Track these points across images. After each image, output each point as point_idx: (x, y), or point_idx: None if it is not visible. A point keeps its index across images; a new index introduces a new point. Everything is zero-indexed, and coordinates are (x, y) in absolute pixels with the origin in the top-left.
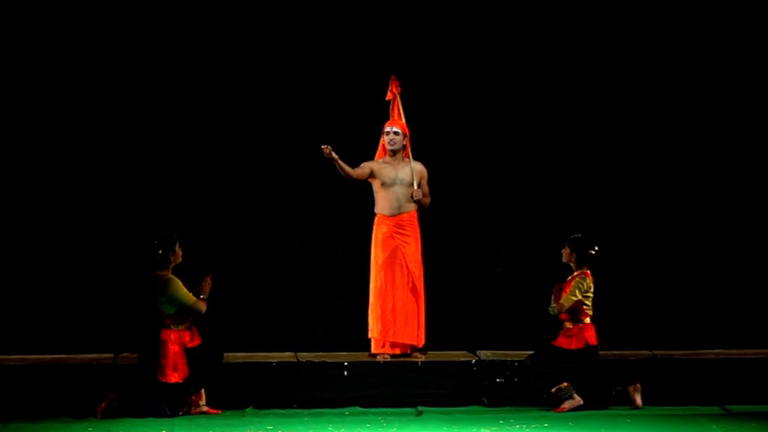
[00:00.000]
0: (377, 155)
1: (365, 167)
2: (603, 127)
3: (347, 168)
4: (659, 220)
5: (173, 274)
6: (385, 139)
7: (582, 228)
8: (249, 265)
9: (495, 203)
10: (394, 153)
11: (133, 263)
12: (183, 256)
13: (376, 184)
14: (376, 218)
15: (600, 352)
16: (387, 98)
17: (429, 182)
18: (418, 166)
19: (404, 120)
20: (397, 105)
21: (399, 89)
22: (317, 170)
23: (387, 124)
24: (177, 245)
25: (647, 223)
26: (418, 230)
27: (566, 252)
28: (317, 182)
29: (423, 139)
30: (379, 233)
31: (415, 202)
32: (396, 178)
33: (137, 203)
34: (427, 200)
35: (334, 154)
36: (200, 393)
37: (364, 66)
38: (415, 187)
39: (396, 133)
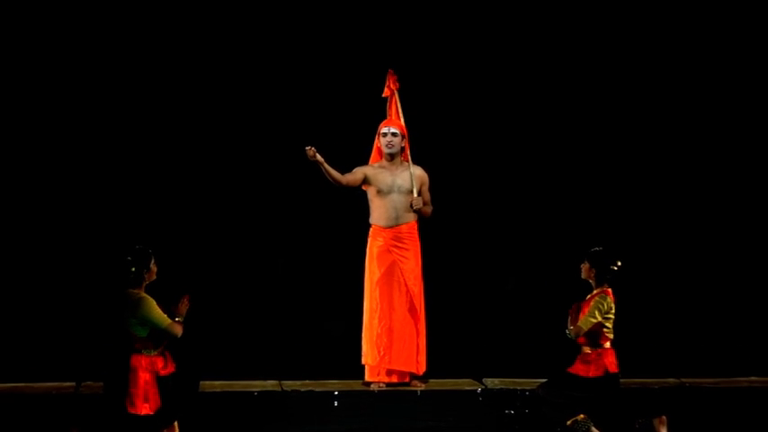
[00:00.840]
0: (371, 159)
1: (358, 173)
2: (631, 127)
3: (335, 173)
4: (688, 233)
5: (146, 292)
6: (381, 142)
7: (603, 240)
8: (230, 283)
9: (505, 212)
10: (392, 157)
11: (102, 279)
12: (157, 274)
13: (371, 192)
14: (371, 229)
15: (621, 380)
16: (384, 95)
17: (430, 188)
18: (418, 171)
19: (402, 119)
20: (395, 103)
21: (398, 85)
22: (304, 176)
23: (383, 124)
24: (152, 261)
25: (674, 237)
26: (418, 243)
27: (585, 267)
28: (305, 190)
29: (423, 141)
30: (374, 246)
31: (414, 211)
32: (393, 185)
33: (107, 213)
34: (428, 209)
35: (318, 156)
36: (174, 426)
37: (357, 59)
38: (415, 195)
39: (394, 134)
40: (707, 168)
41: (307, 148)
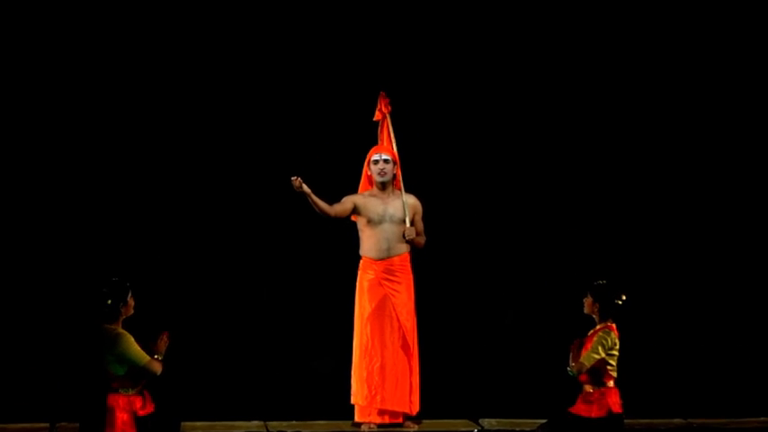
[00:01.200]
0: (360, 187)
1: (347, 202)
2: (635, 155)
3: (322, 204)
4: (696, 266)
5: (123, 328)
6: (372, 170)
7: (607, 273)
8: (211, 317)
9: (502, 243)
10: (384, 185)
11: (76, 314)
12: (135, 308)
13: (361, 222)
14: (361, 261)
15: (626, 421)
16: (374, 119)
17: (424, 218)
18: (411, 200)
19: (395, 144)
20: (387, 127)
21: (390, 108)
22: (289, 206)
23: (373, 151)
24: (129, 294)
25: (681, 270)
26: (411, 276)
27: (587, 302)
28: (290, 219)
29: (415, 167)
30: (364, 280)
31: (407, 242)
32: (385, 214)
33: (82, 244)
34: (422, 239)
35: (305, 187)
36: None
37: (343, 83)
38: (408, 225)
39: (386, 161)
40: (716, 201)
41: (293, 178)
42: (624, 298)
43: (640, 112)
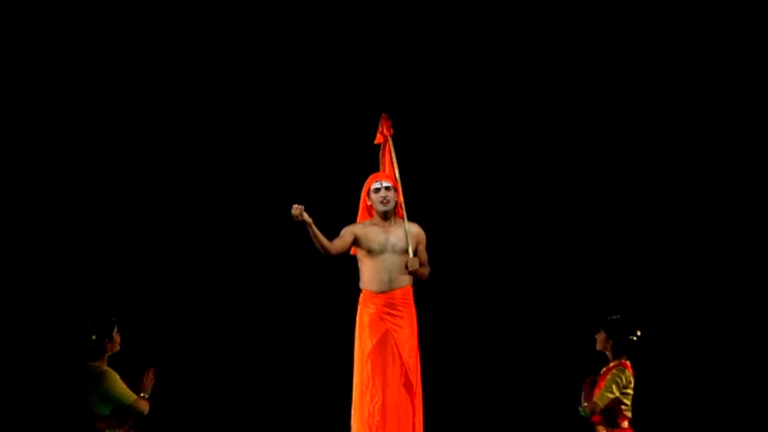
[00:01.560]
0: (359, 218)
1: (346, 235)
2: (647, 182)
3: (323, 239)
4: (715, 300)
5: (108, 365)
6: (374, 198)
7: (621, 307)
8: (204, 354)
9: (510, 274)
10: (386, 214)
11: (59, 350)
12: (121, 344)
13: (361, 253)
14: (361, 295)
15: None
16: (376, 142)
17: (427, 247)
18: (414, 229)
19: (397, 170)
20: (389, 151)
21: (392, 131)
22: (283, 236)
23: (373, 178)
24: (115, 330)
25: (699, 304)
26: (414, 310)
27: (600, 338)
28: (285, 251)
29: (416, 193)
30: (364, 314)
31: (410, 273)
32: (386, 244)
33: (65, 277)
34: (426, 270)
35: (306, 216)
36: None
37: (342, 103)
38: (411, 255)
39: (388, 189)
40: (737, 233)
41: (294, 207)
42: (639, 334)
43: (642, 142)
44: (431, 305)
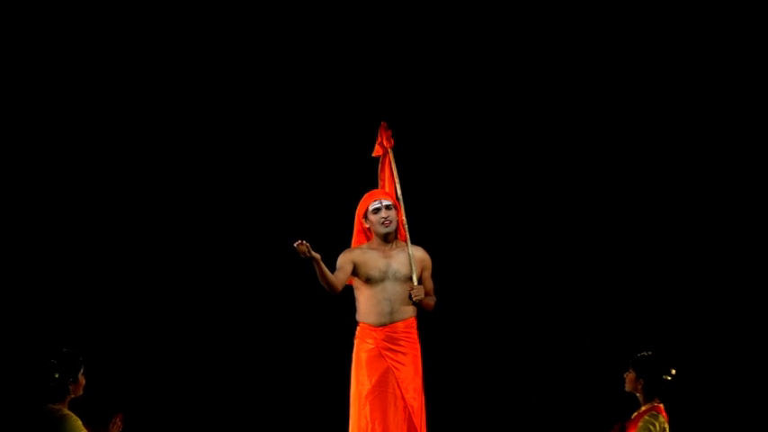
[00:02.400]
0: (354, 241)
1: (346, 265)
2: (680, 205)
3: (331, 276)
4: (755, 334)
5: (70, 409)
6: (373, 220)
7: (652, 341)
8: (176, 397)
9: (525, 304)
10: (387, 237)
11: (14, 388)
12: (86, 388)
13: (358, 281)
14: (358, 328)
15: None
16: (373, 154)
17: (433, 274)
18: (419, 253)
19: (399, 186)
20: (389, 166)
21: (392, 142)
22: (267, 266)
23: (371, 196)
24: (81, 370)
25: (739, 337)
26: (418, 346)
27: (630, 377)
28: (270, 280)
29: (417, 213)
30: (362, 350)
31: (414, 303)
32: (387, 271)
33: (29, 304)
34: (431, 300)
35: (313, 252)
36: None
37: (336, 113)
38: (415, 283)
39: (388, 208)
40: None
41: (297, 243)
42: (674, 372)
43: (691, 171)
44: (437, 339)
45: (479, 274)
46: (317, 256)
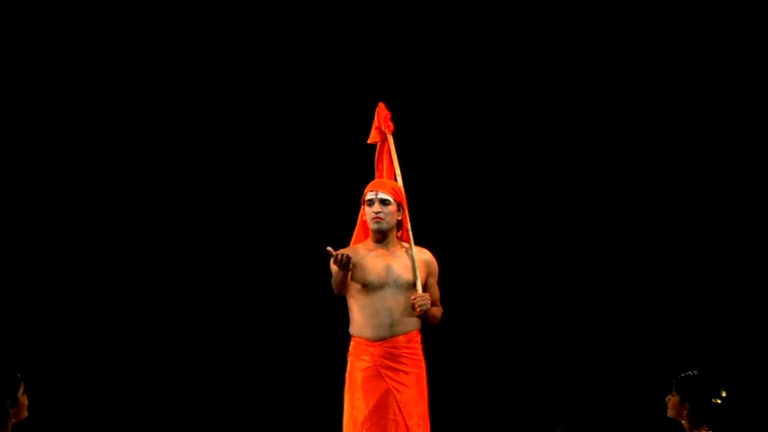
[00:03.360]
0: (354, 238)
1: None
2: (721, 220)
3: (347, 279)
4: None
5: None
6: (366, 213)
7: (698, 360)
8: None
9: (548, 315)
10: (382, 235)
11: None
12: (30, 409)
13: (353, 287)
14: (352, 343)
15: None
16: (369, 141)
17: (440, 281)
18: (424, 256)
19: (400, 177)
20: (388, 152)
21: (392, 125)
22: (240, 275)
23: (371, 185)
24: (21, 390)
25: None
26: (423, 363)
27: (673, 401)
28: (247, 291)
29: (421, 209)
30: (357, 369)
31: (418, 315)
32: (387, 276)
33: None
34: (438, 311)
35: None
36: None
37: (324, 93)
38: (419, 290)
39: (384, 202)
40: None
41: (336, 253)
42: (724, 395)
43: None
44: (443, 355)
45: (490, 278)
46: (351, 267)
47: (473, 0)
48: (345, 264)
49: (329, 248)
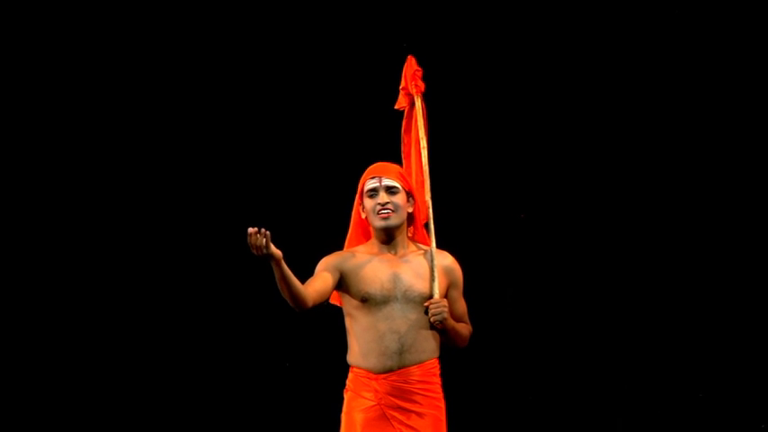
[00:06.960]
0: (348, 239)
1: (327, 276)
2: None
3: (296, 284)
4: None
5: None
6: (367, 207)
7: (697, 361)
8: None
9: (590, 335)
10: (389, 235)
11: None
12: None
13: (350, 303)
14: (350, 375)
15: None
16: (396, 106)
17: (465, 292)
18: (446, 261)
19: (426, 158)
20: (416, 120)
21: (423, 86)
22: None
23: (370, 171)
24: None
25: None
26: (443, 403)
27: None
28: (234, 309)
29: (444, 200)
30: (356, 409)
31: (434, 328)
32: (394, 288)
33: None
34: (465, 330)
35: (273, 248)
36: None
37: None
38: (436, 295)
39: (390, 190)
40: None
41: (251, 230)
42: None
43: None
44: (463, 387)
45: (522, 289)
46: (278, 254)
47: None
48: (260, 248)
49: (251, 229)
